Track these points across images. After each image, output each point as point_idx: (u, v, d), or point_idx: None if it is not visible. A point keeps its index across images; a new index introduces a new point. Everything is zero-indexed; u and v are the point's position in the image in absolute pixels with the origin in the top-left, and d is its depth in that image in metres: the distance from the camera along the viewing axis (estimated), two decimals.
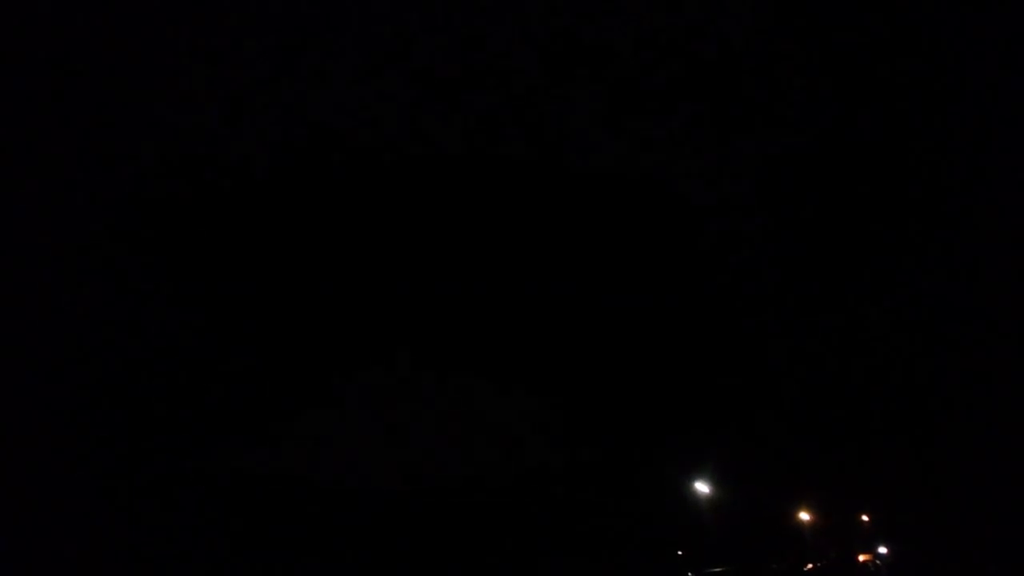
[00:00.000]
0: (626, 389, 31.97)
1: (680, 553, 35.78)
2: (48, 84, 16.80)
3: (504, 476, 27.95)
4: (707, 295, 30.90)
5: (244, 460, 21.23)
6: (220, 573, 17.00)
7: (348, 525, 20.57)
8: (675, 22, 19.88)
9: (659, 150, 23.44)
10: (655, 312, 30.69)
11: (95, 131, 18.18)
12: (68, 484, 16.54)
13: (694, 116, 22.15)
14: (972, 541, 39.87)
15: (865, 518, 62.10)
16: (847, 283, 31.74)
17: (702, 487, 36.73)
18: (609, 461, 31.40)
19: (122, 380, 19.90)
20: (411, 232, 24.95)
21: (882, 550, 59.84)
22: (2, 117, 16.45)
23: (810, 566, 43.02)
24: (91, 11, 16.18)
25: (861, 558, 54.38)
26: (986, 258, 26.65)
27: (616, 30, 20.04)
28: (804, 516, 52.82)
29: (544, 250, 26.72)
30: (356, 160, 22.02)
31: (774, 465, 44.67)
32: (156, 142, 19.36)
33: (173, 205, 20.66)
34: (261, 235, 22.70)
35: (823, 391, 41.57)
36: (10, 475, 15.68)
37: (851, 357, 38.20)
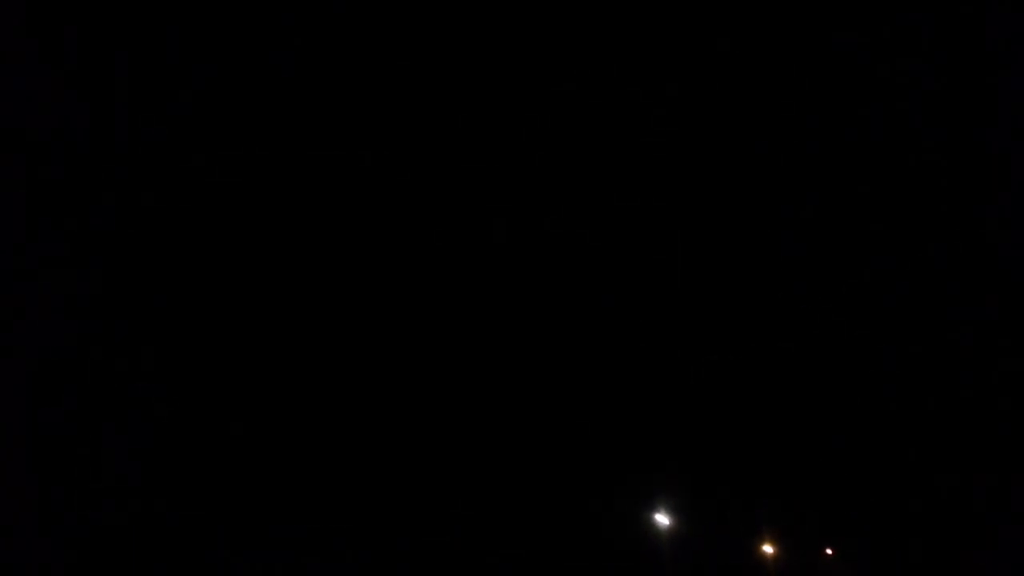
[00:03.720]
0: (581, 419, 31.72)
1: None
2: None
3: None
4: (674, 317, 31.19)
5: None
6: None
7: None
8: None
9: None
10: (616, 338, 31.08)
11: None
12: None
13: None
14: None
15: (829, 552, 62.94)
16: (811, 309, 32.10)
17: (662, 518, 37.01)
18: (565, 493, 30.82)
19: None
20: None
21: None
22: None
23: None
24: None
25: None
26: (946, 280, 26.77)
27: None
28: (767, 549, 53.64)
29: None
30: None
31: (736, 496, 45.26)
32: None
33: None
34: None
35: (788, 419, 41.69)
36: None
37: (815, 382, 38.39)
